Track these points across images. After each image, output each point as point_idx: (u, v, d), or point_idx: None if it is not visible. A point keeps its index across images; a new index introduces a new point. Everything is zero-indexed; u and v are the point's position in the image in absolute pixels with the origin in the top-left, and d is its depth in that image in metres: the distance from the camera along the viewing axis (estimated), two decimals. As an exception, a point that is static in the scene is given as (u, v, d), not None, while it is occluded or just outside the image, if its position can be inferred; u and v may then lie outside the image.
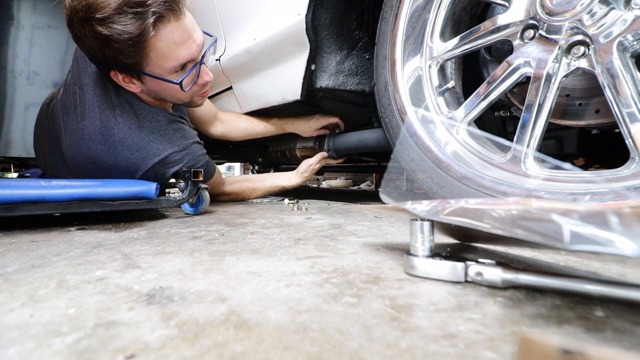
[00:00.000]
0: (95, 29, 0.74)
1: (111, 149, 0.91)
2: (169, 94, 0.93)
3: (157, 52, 0.81)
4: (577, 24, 0.59)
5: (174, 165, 0.95)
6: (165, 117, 0.96)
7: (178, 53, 0.83)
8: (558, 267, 0.45)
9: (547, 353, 0.15)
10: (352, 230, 0.71)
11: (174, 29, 0.80)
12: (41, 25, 1.70)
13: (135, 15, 0.74)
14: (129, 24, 0.74)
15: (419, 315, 0.30)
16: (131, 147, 0.91)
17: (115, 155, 0.91)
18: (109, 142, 0.91)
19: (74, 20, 0.75)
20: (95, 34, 0.74)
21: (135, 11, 0.73)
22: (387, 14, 0.87)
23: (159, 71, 0.85)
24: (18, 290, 0.36)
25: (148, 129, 0.93)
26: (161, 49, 0.81)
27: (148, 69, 0.84)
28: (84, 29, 0.75)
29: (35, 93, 1.69)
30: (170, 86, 0.89)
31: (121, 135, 0.90)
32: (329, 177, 4.92)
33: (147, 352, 0.24)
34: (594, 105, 0.68)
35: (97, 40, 0.75)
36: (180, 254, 0.51)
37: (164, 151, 0.93)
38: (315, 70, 1.09)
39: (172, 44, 0.81)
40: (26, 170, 1.62)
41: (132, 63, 0.81)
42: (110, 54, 0.78)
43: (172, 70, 0.86)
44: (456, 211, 0.35)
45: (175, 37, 0.81)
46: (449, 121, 0.76)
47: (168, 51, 0.82)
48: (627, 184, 0.52)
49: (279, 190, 1.36)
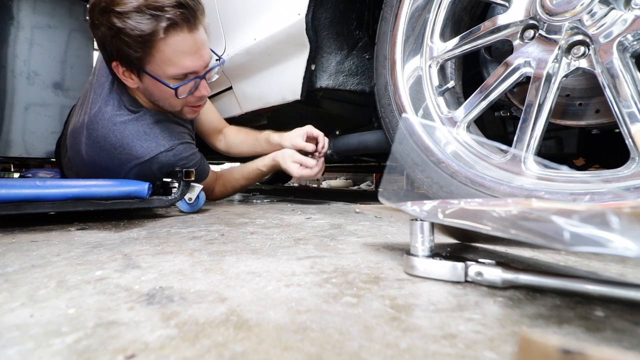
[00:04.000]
0: (111, 20, 0.80)
1: (94, 143, 0.93)
2: (163, 97, 0.94)
3: (162, 54, 0.85)
4: (577, 24, 0.59)
5: (161, 166, 0.96)
6: (153, 116, 0.97)
7: (183, 62, 0.87)
8: (558, 267, 0.45)
9: (547, 353, 0.15)
10: (352, 230, 0.71)
11: (184, 39, 0.84)
12: (41, 25, 1.70)
13: (152, 16, 0.80)
14: (143, 22, 0.80)
15: (419, 315, 0.30)
16: (114, 143, 0.92)
17: (98, 150, 0.93)
18: (92, 137, 0.93)
19: (95, 9, 0.81)
20: (110, 24, 0.80)
21: (152, 13, 0.80)
22: (387, 14, 0.87)
23: (159, 73, 0.88)
24: (18, 290, 0.36)
25: (133, 128, 0.93)
26: (167, 53, 0.84)
27: (149, 67, 0.87)
28: (102, 18, 0.81)
29: (35, 93, 1.69)
30: (166, 90, 0.91)
31: (104, 131, 0.91)
32: (329, 177, 4.92)
33: (147, 352, 0.24)
34: (594, 105, 0.68)
35: (111, 30, 0.81)
36: (180, 254, 0.51)
37: (149, 152, 0.93)
38: (315, 70, 1.09)
39: (178, 52, 0.85)
40: (27, 171, 1.62)
41: (136, 58, 0.85)
42: (119, 45, 0.83)
43: (173, 76, 0.89)
44: (456, 212, 0.35)
45: (183, 47, 0.85)
46: (449, 121, 0.76)
47: (173, 57, 0.85)
48: (627, 184, 0.52)
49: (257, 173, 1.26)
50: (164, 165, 0.96)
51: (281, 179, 3.89)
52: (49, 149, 1.69)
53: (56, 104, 1.73)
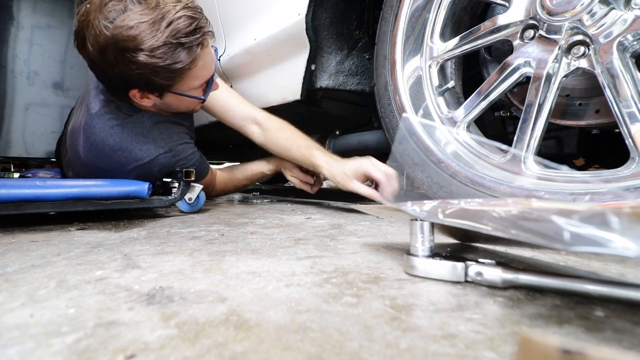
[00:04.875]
0: (137, 58, 0.75)
1: (92, 147, 0.92)
2: (185, 106, 0.96)
3: (192, 74, 0.85)
4: (577, 24, 0.59)
5: (161, 168, 0.96)
6: (150, 118, 0.96)
7: (206, 73, 0.89)
8: (558, 267, 0.45)
9: (547, 353, 0.15)
10: (352, 230, 0.71)
11: (206, 53, 0.85)
12: (41, 25, 1.70)
13: (181, 45, 0.78)
14: (177, 54, 0.78)
15: (419, 315, 0.30)
16: (112, 146, 0.91)
17: (96, 153, 0.92)
18: (90, 141, 0.92)
19: (109, 49, 0.75)
20: (135, 62, 0.76)
21: (182, 42, 0.77)
22: (387, 14, 0.87)
23: (184, 89, 0.88)
24: (18, 290, 0.36)
25: (131, 130, 0.93)
26: (196, 71, 0.85)
27: (176, 88, 0.87)
28: (122, 57, 0.76)
29: (35, 93, 1.69)
30: (191, 101, 0.93)
31: (102, 134, 0.91)
32: (329, 177, 4.91)
33: (147, 352, 0.24)
34: (594, 105, 0.68)
35: (136, 67, 0.77)
36: (180, 254, 0.51)
37: (148, 155, 0.93)
38: (315, 70, 1.09)
39: (202, 67, 0.86)
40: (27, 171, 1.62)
41: (166, 84, 0.84)
42: (145, 78, 0.80)
43: (197, 87, 0.90)
44: (456, 212, 0.35)
45: (206, 60, 0.86)
46: (449, 121, 0.76)
47: (199, 72, 0.86)
48: (627, 184, 0.52)
49: (260, 176, 1.28)
50: (163, 166, 0.96)
51: (281, 179, 3.90)
52: (49, 149, 1.69)
53: (56, 104, 1.73)
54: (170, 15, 0.76)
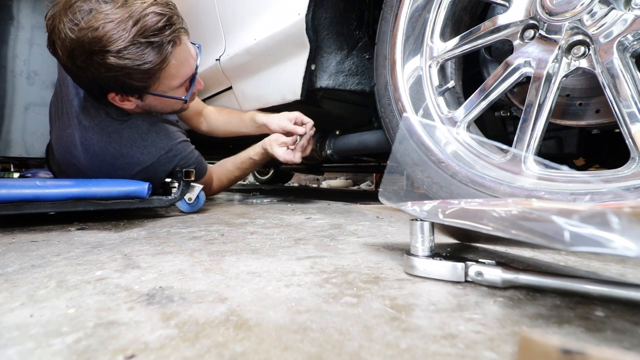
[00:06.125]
0: (107, 61, 0.72)
1: (93, 157, 0.91)
2: (167, 107, 0.93)
3: (167, 73, 0.82)
4: (577, 24, 0.59)
5: (165, 168, 0.95)
6: (145, 120, 0.95)
7: (184, 71, 0.85)
8: (558, 267, 0.45)
9: (547, 353, 0.15)
10: (352, 230, 0.71)
11: (182, 51, 0.82)
12: (41, 25, 1.70)
13: (150, 44, 0.74)
14: (147, 54, 0.74)
15: (419, 315, 0.30)
16: (114, 154, 0.90)
17: (98, 163, 0.91)
18: (90, 152, 0.90)
19: (76, 52, 0.72)
20: (104, 64, 0.72)
21: (151, 41, 0.74)
22: (387, 13, 0.87)
23: (164, 89, 0.86)
24: (18, 290, 0.36)
25: (129, 135, 0.92)
26: (171, 70, 0.82)
27: (153, 88, 0.85)
28: (90, 60, 0.72)
29: (35, 93, 1.69)
30: (173, 102, 0.91)
31: (101, 144, 0.90)
32: (329, 177, 4.92)
33: (147, 352, 0.24)
34: (594, 105, 0.68)
35: (106, 69, 0.73)
36: (180, 254, 0.51)
37: (150, 157, 0.93)
38: (315, 70, 1.09)
39: (179, 65, 0.83)
40: (27, 171, 1.62)
41: (140, 86, 0.81)
42: (119, 80, 0.77)
43: (177, 87, 0.87)
44: (456, 212, 0.35)
45: (182, 58, 0.83)
46: (449, 121, 0.76)
47: (176, 71, 0.83)
48: (628, 184, 0.52)
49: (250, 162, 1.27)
50: (167, 166, 0.96)
51: (281, 179, 3.90)
52: (49, 149, 1.69)
53: (56, 104, 1.73)
54: (137, 13, 0.72)
